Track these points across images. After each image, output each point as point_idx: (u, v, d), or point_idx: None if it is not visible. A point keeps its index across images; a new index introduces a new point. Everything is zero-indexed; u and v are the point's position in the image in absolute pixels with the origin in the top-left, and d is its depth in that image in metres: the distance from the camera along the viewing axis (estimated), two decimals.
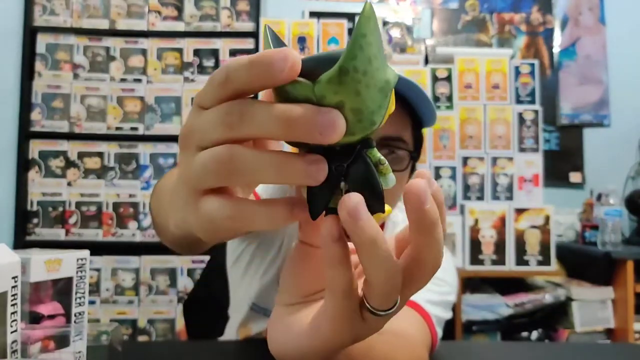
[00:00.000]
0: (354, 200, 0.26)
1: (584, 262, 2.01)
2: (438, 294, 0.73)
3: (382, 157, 0.28)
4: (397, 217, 0.86)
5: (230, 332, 0.97)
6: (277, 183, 0.26)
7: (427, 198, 0.26)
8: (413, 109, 0.73)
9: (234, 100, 0.26)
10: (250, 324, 0.89)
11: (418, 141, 0.76)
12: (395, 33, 2.15)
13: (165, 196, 0.42)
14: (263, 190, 0.83)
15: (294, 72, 0.24)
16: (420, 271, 0.29)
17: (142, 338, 2.03)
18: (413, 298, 0.65)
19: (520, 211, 1.93)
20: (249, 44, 2.19)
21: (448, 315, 0.76)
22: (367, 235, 0.26)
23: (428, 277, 0.29)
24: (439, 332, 0.71)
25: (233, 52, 2.19)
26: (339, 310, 0.29)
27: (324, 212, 0.28)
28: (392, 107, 0.27)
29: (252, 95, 0.27)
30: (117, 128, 2.14)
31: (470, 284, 1.97)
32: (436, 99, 2.02)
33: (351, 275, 0.28)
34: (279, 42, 0.28)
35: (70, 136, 2.13)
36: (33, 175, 2.11)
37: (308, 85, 0.25)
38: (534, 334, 1.90)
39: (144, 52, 2.18)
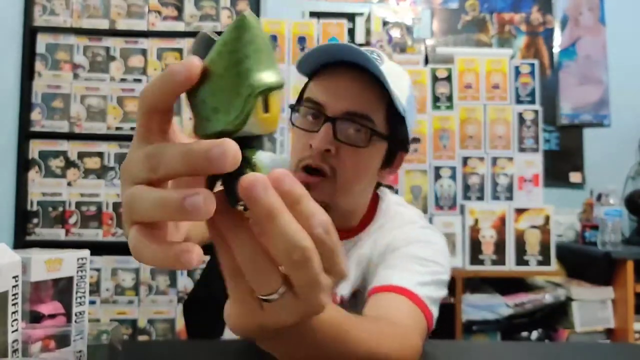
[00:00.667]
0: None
1: (584, 262, 2.01)
2: (427, 274, 0.74)
3: (259, 160, 0.29)
4: (387, 202, 0.87)
5: (230, 332, 0.97)
6: (165, 219, 0.29)
7: (257, 192, 0.27)
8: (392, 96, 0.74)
9: (154, 145, 0.29)
10: None
11: (398, 130, 0.78)
12: (396, 33, 2.15)
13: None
14: None
15: (190, 81, 0.28)
16: (281, 259, 0.30)
17: (142, 338, 2.03)
18: (402, 284, 0.70)
19: (520, 211, 1.93)
20: None
21: (442, 293, 0.76)
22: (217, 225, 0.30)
23: (293, 264, 0.29)
24: (434, 312, 0.72)
25: None
26: (231, 291, 0.33)
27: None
28: (262, 113, 0.28)
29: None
30: (117, 128, 2.14)
31: (470, 284, 1.97)
32: (436, 99, 2.02)
33: (233, 258, 0.30)
34: (203, 49, 0.29)
35: (70, 136, 2.13)
36: (33, 175, 2.11)
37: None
38: (534, 334, 1.90)
39: (144, 52, 2.18)
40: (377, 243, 0.81)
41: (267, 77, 0.27)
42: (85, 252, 0.54)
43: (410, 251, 0.76)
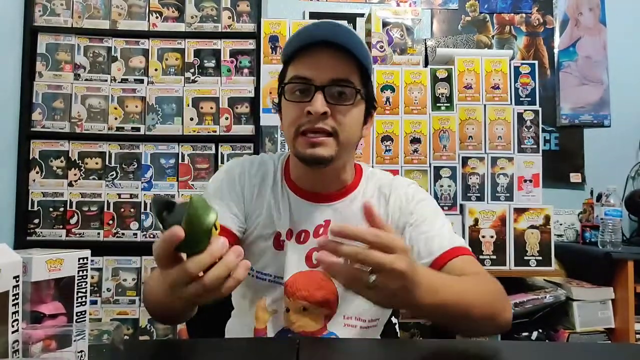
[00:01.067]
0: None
1: (584, 262, 2.00)
2: (445, 223, 0.92)
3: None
4: (370, 169, 1.02)
5: (228, 331, 0.97)
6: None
7: (328, 263, 0.58)
8: (360, 61, 0.88)
9: (178, 268, 0.57)
10: (262, 294, 0.91)
11: (369, 90, 0.92)
12: (395, 34, 2.14)
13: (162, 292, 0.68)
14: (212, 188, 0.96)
15: (179, 242, 0.54)
16: (361, 263, 0.58)
17: (143, 338, 2.03)
18: (445, 248, 0.87)
19: (520, 211, 1.93)
20: (249, 44, 2.19)
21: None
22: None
23: (366, 262, 0.57)
24: (469, 248, 0.91)
25: (234, 53, 2.19)
26: (359, 294, 0.61)
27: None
28: (215, 233, 0.57)
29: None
30: (118, 128, 2.14)
31: None
32: (436, 99, 2.03)
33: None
34: (165, 208, 0.56)
35: (71, 136, 2.13)
36: (34, 175, 2.11)
37: None
38: (534, 334, 1.90)
39: (145, 52, 2.19)
40: (382, 202, 0.94)
41: (212, 217, 0.56)
42: (86, 252, 0.54)
43: (422, 212, 0.92)
